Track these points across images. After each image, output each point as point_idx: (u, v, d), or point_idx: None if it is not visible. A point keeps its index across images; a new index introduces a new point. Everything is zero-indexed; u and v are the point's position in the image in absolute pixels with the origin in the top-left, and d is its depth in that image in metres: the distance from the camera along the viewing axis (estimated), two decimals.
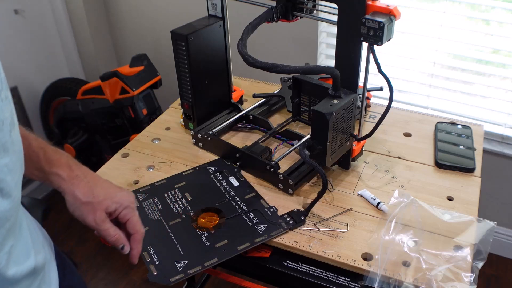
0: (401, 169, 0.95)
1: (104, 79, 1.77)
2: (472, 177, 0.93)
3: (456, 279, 0.71)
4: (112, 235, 0.68)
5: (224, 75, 1.09)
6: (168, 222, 0.84)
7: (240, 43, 0.83)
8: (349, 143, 0.89)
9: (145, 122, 1.80)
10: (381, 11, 0.77)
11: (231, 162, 0.99)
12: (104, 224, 0.68)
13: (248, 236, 0.80)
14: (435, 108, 1.66)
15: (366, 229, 0.81)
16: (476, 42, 1.53)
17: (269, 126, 1.06)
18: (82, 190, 0.67)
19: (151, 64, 1.84)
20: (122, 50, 2.25)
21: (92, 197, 0.67)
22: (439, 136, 1.03)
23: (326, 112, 0.78)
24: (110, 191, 0.69)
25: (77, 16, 2.09)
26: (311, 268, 0.78)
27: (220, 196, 0.90)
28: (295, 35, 1.75)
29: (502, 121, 1.60)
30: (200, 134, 1.03)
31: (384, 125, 1.06)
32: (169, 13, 1.99)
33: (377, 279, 0.73)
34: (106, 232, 0.68)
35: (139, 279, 1.81)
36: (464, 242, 0.78)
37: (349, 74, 0.84)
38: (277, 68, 0.77)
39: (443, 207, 0.85)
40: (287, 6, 0.91)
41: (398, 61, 1.68)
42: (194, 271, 0.75)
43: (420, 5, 1.55)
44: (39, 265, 0.61)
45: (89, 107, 1.86)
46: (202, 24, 0.99)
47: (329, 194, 0.90)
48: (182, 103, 1.06)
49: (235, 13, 1.17)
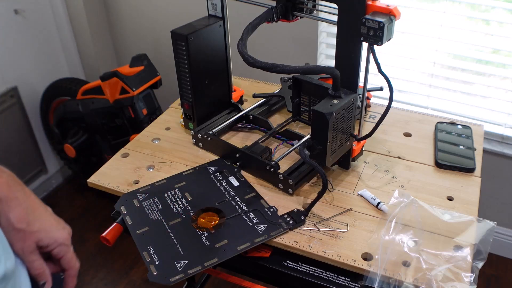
0: (401, 169, 0.96)
1: (104, 79, 1.77)
2: (472, 177, 0.93)
3: (456, 279, 0.71)
4: (36, 269, 0.65)
5: (224, 75, 1.09)
6: (168, 222, 0.85)
7: (240, 43, 0.83)
8: (349, 143, 0.89)
9: (145, 122, 1.80)
10: (381, 11, 0.77)
11: (231, 162, 0.99)
12: (31, 256, 0.64)
13: (248, 236, 0.80)
14: (435, 108, 1.66)
15: (366, 229, 0.81)
16: (476, 42, 1.53)
17: (269, 126, 1.06)
18: (17, 215, 0.63)
19: (151, 64, 1.84)
20: (122, 50, 2.25)
21: (27, 225, 0.63)
22: (439, 136, 1.03)
23: (326, 112, 0.78)
24: (46, 224, 0.66)
25: (77, 16, 2.09)
26: (311, 268, 0.78)
27: (220, 196, 0.90)
28: (295, 35, 1.75)
29: (502, 121, 1.60)
30: (200, 134, 1.03)
31: (384, 125, 1.06)
32: (169, 13, 1.99)
33: (377, 279, 0.73)
34: (31, 264, 0.65)
35: (139, 279, 1.81)
36: (464, 242, 0.78)
37: (349, 74, 0.84)
38: (277, 68, 0.77)
39: (443, 207, 0.85)
40: (287, 6, 0.91)
41: (398, 61, 1.68)
42: (194, 271, 0.75)
43: (420, 5, 1.55)
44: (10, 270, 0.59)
45: (89, 107, 1.86)
46: (202, 24, 0.99)
47: (329, 194, 0.90)
48: (182, 103, 1.06)
49: (235, 13, 1.17)
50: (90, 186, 0.98)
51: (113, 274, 1.84)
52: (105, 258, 1.90)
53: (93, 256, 1.91)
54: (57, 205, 2.13)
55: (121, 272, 1.84)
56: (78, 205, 2.12)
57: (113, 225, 0.86)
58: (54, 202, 2.14)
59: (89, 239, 1.96)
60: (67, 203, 2.14)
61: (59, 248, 0.67)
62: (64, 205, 2.13)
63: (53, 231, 0.66)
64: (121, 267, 1.86)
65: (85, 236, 1.98)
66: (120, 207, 0.88)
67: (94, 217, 2.06)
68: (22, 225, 0.63)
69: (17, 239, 0.63)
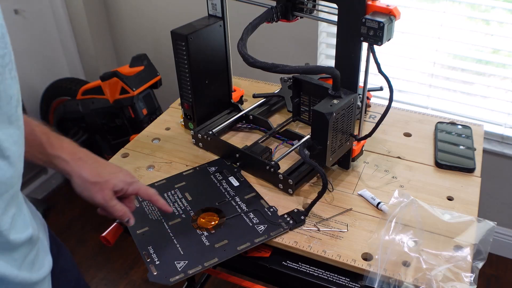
0: (401, 169, 0.96)
1: (104, 79, 1.77)
2: (472, 177, 0.93)
3: (456, 279, 0.71)
4: (118, 211, 0.74)
5: (224, 75, 1.09)
6: (168, 222, 0.84)
7: (240, 43, 0.83)
8: (349, 143, 0.89)
9: (145, 122, 1.80)
10: (381, 11, 0.77)
11: (231, 162, 0.99)
12: (112, 202, 0.73)
13: (248, 236, 0.80)
14: (435, 108, 1.66)
15: (366, 229, 0.81)
16: (476, 42, 1.53)
17: (269, 126, 1.06)
18: (88, 172, 0.71)
19: (151, 64, 1.84)
20: (122, 50, 2.25)
21: (99, 177, 0.72)
22: (439, 136, 1.03)
23: (326, 112, 0.78)
24: (114, 171, 0.74)
25: (77, 16, 2.09)
26: (311, 268, 0.78)
27: (220, 196, 0.90)
28: (295, 35, 1.75)
29: (502, 121, 1.60)
30: (200, 134, 1.03)
31: (384, 125, 1.06)
32: (169, 13, 1.99)
33: (377, 279, 0.73)
34: (113, 208, 0.73)
35: (139, 279, 1.81)
36: (464, 242, 0.78)
37: (349, 74, 0.84)
38: (277, 68, 0.77)
39: (443, 207, 0.85)
40: (287, 6, 0.91)
41: (398, 61, 1.68)
42: (194, 271, 0.75)
43: (420, 5, 1.55)
44: (35, 236, 0.63)
45: (89, 107, 1.86)
46: (202, 24, 0.99)
47: (329, 194, 0.90)
48: (182, 103, 1.06)
49: (235, 13, 1.17)
50: None
51: (113, 274, 1.83)
52: (105, 258, 1.90)
53: (93, 256, 1.91)
54: (57, 205, 2.13)
55: (121, 272, 1.84)
56: (78, 205, 2.11)
57: (113, 225, 0.86)
58: (54, 202, 2.14)
59: (89, 239, 1.96)
60: (67, 203, 2.14)
61: (132, 186, 0.75)
62: (64, 205, 2.13)
63: (121, 175, 0.75)
64: (121, 267, 1.86)
65: (85, 236, 1.98)
66: None
67: (94, 217, 2.06)
68: (96, 178, 0.71)
69: (96, 191, 0.72)
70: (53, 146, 0.70)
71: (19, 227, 0.58)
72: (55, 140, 0.71)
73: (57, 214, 2.07)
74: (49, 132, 0.71)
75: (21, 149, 0.56)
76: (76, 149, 0.73)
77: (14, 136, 0.54)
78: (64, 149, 0.71)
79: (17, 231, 0.57)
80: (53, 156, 0.70)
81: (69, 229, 2.01)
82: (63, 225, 2.02)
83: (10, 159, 0.53)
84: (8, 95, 0.52)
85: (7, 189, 0.54)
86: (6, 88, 0.51)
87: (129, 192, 0.76)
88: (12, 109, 0.53)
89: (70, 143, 0.73)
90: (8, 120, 0.52)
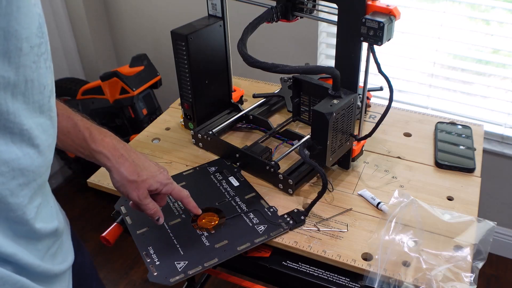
0: (401, 169, 0.96)
1: (104, 79, 1.77)
2: (472, 177, 0.93)
3: (456, 279, 0.71)
4: (151, 209, 0.76)
5: (224, 75, 1.09)
6: (168, 222, 0.84)
7: (240, 43, 0.83)
8: (349, 143, 0.89)
9: (145, 122, 1.80)
10: (381, 11, 0.77)
11: (231, 162, 0.99)
12: (146, 200, 0.75)
13: (248, 236, 0.80)
14: (435, 108, 1.66)
15: (366, 229, 0.81)
16: (476, 42, 1.53)
17: (269, 126, 1.06)
18: (128, 169, 0.73)
19: (151, 64, 1.84)
20: (122, 50, 2.25)
21: (137, 176, 0.73)
22: (439, 136, 1.03)
23: (326, 112, 0.78)
24: (152, 171, 0.76)
25: (77, 16, 2.09)
26: (311, 268, 0.78)
27: (220, 196, 0.90)
28: (295, 35, 1.75)
29: (502, 121, 1.60)
30: (200, 134, 1.03)
31: (384, 125, 1.06)
32: (169, 13, 1.99)
33: (377, 279, 0.73)
34: (146, 206, 0.75)
35: (139, 279, 1.81)
36: (464, 242, 0.78)
37: (349, 74, 0.84)
38: (277, 68, 0.77)
39: (443, 207, 0.85)
40: (287, 6, 0.91)
41: (398, 61, 1.68)
42: (194, 271, 0.75)
43: (420, 5, 1.55)
44: (60, 229, 0.64)
45: (89, 107, 1.86)
46: (202, 24, 0.99)
47: (329, 194, 0.90)
48: (182, 103, 1.06)
49: (235, 13, 1.17)
50: (90, 186, 0.98)
51: (113, 274, 1.83)
52: (105, 258, 1.90)
53: (93, 256, 1.90)
54: None
55: (121, 272, 1.84)
56: (78, 205, 2.12)
57: (113, 225, 0.86)
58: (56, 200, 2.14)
59: (89, 239, 1.96)
60: (67, 203, 2.13)
61: (166, 187, 0.77)
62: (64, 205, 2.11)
63: (158, 176, 0.76)
64: (121, 267, 1.86)
65: (85, 236, 1.98)
66: (120, 207, 0.88)
67: (94, 217, 2.06)
68: (134, 177, 0.73)
69: (132, 189, 0.73)
70: (95, 141, 0.72)
71: (45, 217, 0.59)
72: (98, 134, 0.73)
73: None
74: (92, 126, 0.73)
75: (52, 139, 0.57)
76: (119, 144, 0.74)
77: (44, 125, 0.54)
78: (106, 144, 0.73)
79: (43, 221, 0.58)
80: (95, 151, 0.72)
81: None
82: None
83: (40, 148, 0.53)
84: (41, 84, 0.52)
85: (35, 178, 0.54)
86: (40, 77, 0.51)
87: (163, 192, 0.78)
88: (45, 99, 0.53)
89: (112, 137, 0.75)
90: (39, 110, 0.52)
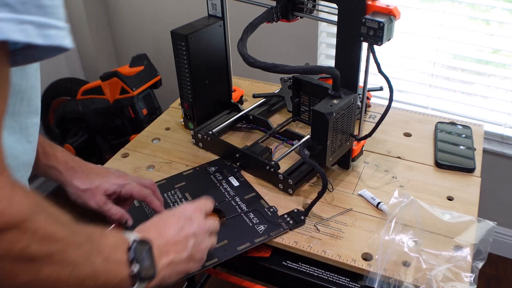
0: (401, 169, 0.95)
1: (104, 79, 1.77)
2: (472, 177, 0.93)
3: (456, 279, 0.71)
4: (115, 214, 0.75)
5: (224, 75, 1.09)
6: None
7: (240, 43, 0.83)
8: (349, 143, 0.89)
9: (145, 122, 1.80)
10: (381, 11, 0.77)
11: (231, 162, 0.99)
12: (106, 206, 0.75)
13: (248, 236, 0.80)
14: (435, 108, 1.66)
15: (366, 229, 0.81)
16: (476, 42, 1.53)
17: (269, 126, 1.06)
18: (79, 180, 0.73)
19: (151, 64, 1.83)
20: (122, 50, 2.25)
21: (90, 183, 0.74)
22: (439, 136, 1.03)
23: (326, 112, 0.78)
24: (105, 175, 0.76)
25: (77, 16, 2.09)
26: (311, 268, 0.78)
27: (220, 196, 0.90)
28: (295, 35, 1.75)
29: (502, 121, 1.60)
30: (200, 134, 1.03)
31: (384, 125, 1.05)
32: (169, 13, 1.99)
33: (377, 279, 0.73)
34: (109, 212, 0.75)
35: None
36: (464, 242, 0.78)
37: (349, 74, 0.84)
38: (277, 68, 0.77)
39: (443, 207, 0.85)
40: (287, 6, 0.91)
41: (398, 61, 1.68)
42: (194, 271, 0.75)
43: (420, 5, 1.55)
44: None
45: (89, 107, 1.86)
46: (202, 24, 0.99)
47: (329, 194, 0.90)
48: (182, 103, 1.06)
49: (235, 13, 1.17)
50: None
51: None
52: None
53: None
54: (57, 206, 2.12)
55: None
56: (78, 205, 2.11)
57: (113, 226, 0.86)
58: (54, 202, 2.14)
59: None
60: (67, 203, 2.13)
61: (125, 188, 0.77)
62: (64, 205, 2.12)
63: (112, 179, 0.76)
64: None
65: None
66: None
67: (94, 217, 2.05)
68: (87, 185, 0.74)
69: (88, 198, 0.74)
70: (47, 156, 0.72)
71: None
72: (49, 149, 0.72)
73: None
74: (44, 141, 0.72)
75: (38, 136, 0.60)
76: (69, 158, 0.74)
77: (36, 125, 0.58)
78: (57, 159, 0.73)
79: None
80: (47, 167, 0.72)
81: None
82: None
83: (33, 144, 0.57)
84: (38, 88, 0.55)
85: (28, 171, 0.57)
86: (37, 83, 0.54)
87: (122, 194, 0.77)
88: (39, 102, 0.57)
89: (63, 152, 0.75)
90: (35, 112, 0.56)
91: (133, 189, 0.77)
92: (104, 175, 0.76)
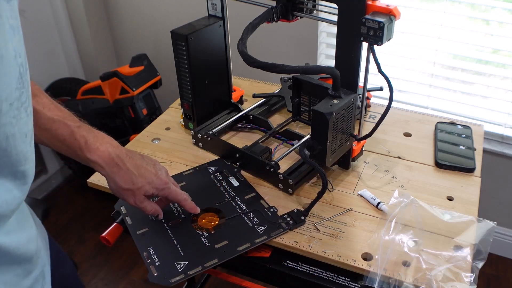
0: (401, 169, 0.96)
1: (104, 79, 1.77)
2: (472, 177, 0.93)
3: (456, 279, 0.71)
4: (149, 210, 0.79)
5: (224, 75, 1.09)
6: (168, 223, 0.84)
7: (240, 43, 0.83)
8: (349, 143, 0.89)
9: (145, 122, 1.80)
10: (381, 11, 0.77)
11: (231, 162, 0.99)
12: (143, 204, 0.78)
13: (248, 236, 0.80)
14: (435, 108, 1.66)
15: (366, 229, 0.81)
16: (476, 42, 1.53)
17: (269, 126, 1.06)
18: (122, 178, 0.74)
19: (151, 64, 1.84)
20: (122, 50, 2.25)
21: (132, 184, 0.75)
22: (439, 136, 1.03)
23: (326, 112, 0.78)
24: (148, 177, 0.77)
25: (77, 16, 2.09)
26: (311, 268, 0.78)
27: (220, 196, 0.90)
28: (295, 35, 1.75)
29: (502, 121, 1.60)
30: (200, 134, 1.03)
31: (384, 125, 1.06)
32: (169, 13, 1.99)
33: (377, 279, 0.73)
34: (144, 208, 0.79)
35: (139, 279, 1.81)
36: (464, 242, 0.78)
37: (349, 74, 0.84)
38: (277, 68, 0.77)
39: (443, 207, 0.85)
40: (287, 6, 0.91)
41: (398, 61, 1.68)
42: (194, 272, 0.75)
43: (420, 5, 1.55)
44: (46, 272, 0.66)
45: (89, 107, 1.86)
46: (202, 24, 0.99)
47: (329, 194, 0.90)
48: (182, 103, 1.06)
49: (235, 13, 1.17)
50: (90, 186, 0.98)
51: (113, 274, 1.83)
52: (105, 258, 1.90)
53: (93, 256, 1.91)
54: (57, 205, 2.13)
55: (121, 272, 1.84)
56: (78, 205, 2.12)
57: (113, 225, 0.86)
58: (54, 202, 2.14)
59: (89, 239, 1.96)
60: (67, 203, 2.14)
61: (162, 192, 0.79)
62: (64, 205, 2.13)
63: (154, 181, 0.77)
64: (121, 267, 1.86)
65: (85, 236, 1.98)
66: (120, 207, 0.88)
67: (94, 217, 2.06)
68: (129, 185, 0.75)
69: (128, 196, 0.76)
70: (90, 150, 0.72)
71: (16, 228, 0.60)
72: (93, 143, 0.72)
73: (57, 214, 2.07)
74: (89, 133, 0.73)
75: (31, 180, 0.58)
76: (114, 152, 0.74)
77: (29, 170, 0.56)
78: (100, 153, 0.73)
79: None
80: (89, 161, 0.73)
81: (69, 229, 2.01)
82: (63, 225, 2.02)
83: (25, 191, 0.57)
84: (23, 133, 0.52)
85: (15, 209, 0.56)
86: (21, 128, 0.52)
87: (159, 196, 0.80)
88: (27, 147, 0.54)
89: (108, 145, 0.74)
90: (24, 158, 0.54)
91: (170, 193, 0.80)
92: (147, 176, 0.76)
